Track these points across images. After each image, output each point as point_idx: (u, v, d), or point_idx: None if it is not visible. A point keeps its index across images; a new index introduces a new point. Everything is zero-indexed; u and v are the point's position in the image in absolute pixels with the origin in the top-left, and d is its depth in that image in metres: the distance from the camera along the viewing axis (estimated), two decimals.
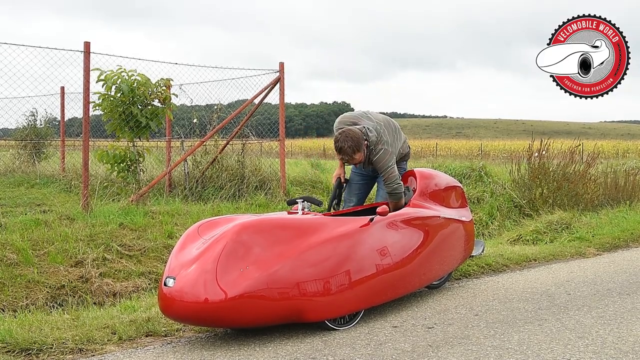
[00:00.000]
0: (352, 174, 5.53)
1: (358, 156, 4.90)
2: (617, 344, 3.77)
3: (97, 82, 8.01)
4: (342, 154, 4.93)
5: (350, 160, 4.96)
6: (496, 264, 6.27)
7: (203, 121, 10.31)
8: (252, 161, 9.86)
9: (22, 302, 5.17)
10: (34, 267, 5.59)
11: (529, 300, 4.91)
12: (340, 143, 4.87)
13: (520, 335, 3.96)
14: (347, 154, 4.88)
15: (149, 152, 9.24)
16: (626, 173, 11.18)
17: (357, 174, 5.50)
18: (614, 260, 6.79)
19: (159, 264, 6.20)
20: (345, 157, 4.95)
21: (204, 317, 3.65)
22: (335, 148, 4.96)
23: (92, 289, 5.56)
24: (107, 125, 8.38)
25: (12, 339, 3.72)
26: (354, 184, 5.51)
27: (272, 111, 10.74)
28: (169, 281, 3.72)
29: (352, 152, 4.86)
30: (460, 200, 5.66)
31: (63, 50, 7.48)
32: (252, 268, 3.71)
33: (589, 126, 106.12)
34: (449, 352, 3.63)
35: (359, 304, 4.19)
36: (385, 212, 4.43)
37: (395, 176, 4.96)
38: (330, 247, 4.06)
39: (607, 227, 8.43)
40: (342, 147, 4.86)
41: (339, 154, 4.98)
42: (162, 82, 8.45)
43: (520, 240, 8.22)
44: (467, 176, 11.77)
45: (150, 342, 3.90)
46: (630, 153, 38.99)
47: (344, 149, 4.86)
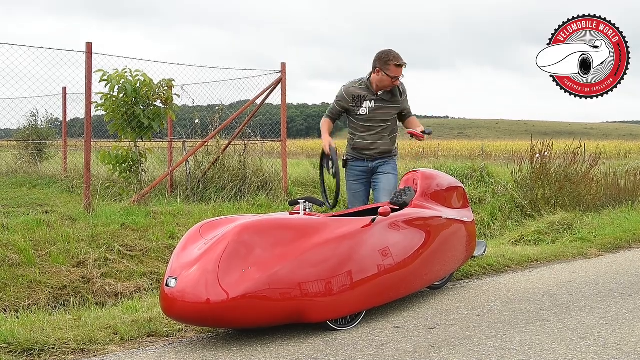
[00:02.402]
0: (349, 183, 5.55)
1: (403, 69, 5.16)
2: (619, 345, 3.77)
3: (100, 82, 8.02)
4: (396, 60, 5.10)
5: (399, 68, 5.12)
6: (498, 265, 6.27)
7: (205, 122, 10.31)
8: (253, 162, 9.85)
9: (24, 303, 5.17)
10: (35, 268, 5.60)
11: (531, 301, 4.91)
12: (394, 52, 5.12)
13: (522, 336, 3.96)
14: (401, 59, 5.10)
15: (151, 152, 9.25)
16: (628, 174, 11.17)
17: (354, 182, 5.53)
18: (616, 260, 6.79)
19: (160, 264, 6.20)
20: (400, 62, 5.11)
21: (206, 317, 3.65)
22: (388, 57, 5.11)
23: (94, 290, 5.56)
24: (109, 125, 8.38)
25: (14, 339, 3.72)
26: (354, 192, 5.53)
27: (273, 111, 10.74)
28: (171, 281, 3.72)
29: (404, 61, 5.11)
30: (462, 200, 5.66)
31: (65, 51, 7.50)
32: (254, 268, 3.71)
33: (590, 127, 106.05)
34: (450, 353, 3.63)
35: (361, 304, 4.19)
36: (387, 212, 4.44)
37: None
38: (332, 248, 4.06)
39: (609, 228, 8.43)
40: (396, 54, 5.09)
41: (393, 61, 5.11)
42: (165, 82, 8.45)
43: (522, 240, 8.21)
44: (469, 177, 11.76)
45: (152, 343, 3.90)
46: (633, 154, 38.94)
47: (398, 55, 5.09)
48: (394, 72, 5.15)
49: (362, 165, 5.50)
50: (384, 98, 5.35)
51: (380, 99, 5.35)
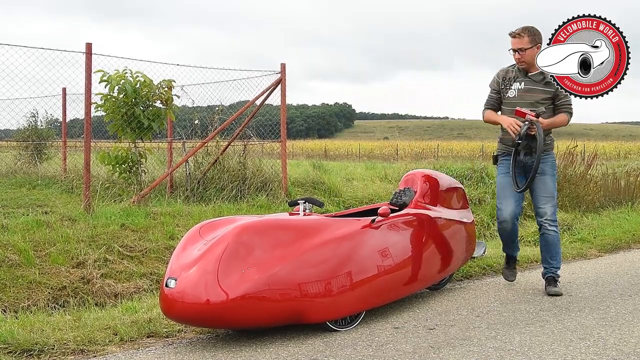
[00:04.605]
0: (499, 177, 5.18)
1: (525, 40, 4.83)
2: (619, 345, 3.77)
3: (100, 83, 8.02)
4: (514, 33, 4.85)
5: (514, 40, 4.85)
6: (498, 265, 6.27)
7: (204, 122, 10.31)
8: (253, 162, 9.85)
9: (24, 303, 5.17)
10: (35, 268, 5.60)
11: (531, 302, 4.91)
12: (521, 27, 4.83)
13: (522, 337, 3.95)
14: (519, 32, 4.83)
15: (151, 153, 9.24)
16: (627, 174, 11.18)
17: (505, 175, 5.11)
18: (616, 261, 6.79)
19: (160, 265, 6.20)
20: (513, 32, 4.86)
21: (206, 318, 3.65)
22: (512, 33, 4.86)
23: (94, 290, 5.56)
24: (109, 126, 8.38)
25: (13, 339, 3.72)
26: (506, 185, 5.08)
27: (273, 112, 10.74)
28: (171, 282, 3.72)
29: (525, 32, 4.81)
30: (462, 201, 5.66)
31: (64, 52, 7.50)
32: (254, 269, 3.71)
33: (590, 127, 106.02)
34: (450, 354, 3.63)
35: (360, 305, 4.19)
36: (386, 213, 4.44)
37: (571, 102, 4.96)
38: (332, 248, 4.07)
39: (609, 229, 8.43)
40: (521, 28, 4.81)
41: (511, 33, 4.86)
42: (164, 83, 8.45)
43: (521, 241, 8.19)
44: (469, 177, 11.76)
45: (152, 343, 3.90)
46: (632, 154, 38.97)
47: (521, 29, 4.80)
48: (511, 44, 4.89)
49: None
50: (534, 79, 4.97)
51: (530, 79, 4.97)
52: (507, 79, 5.05)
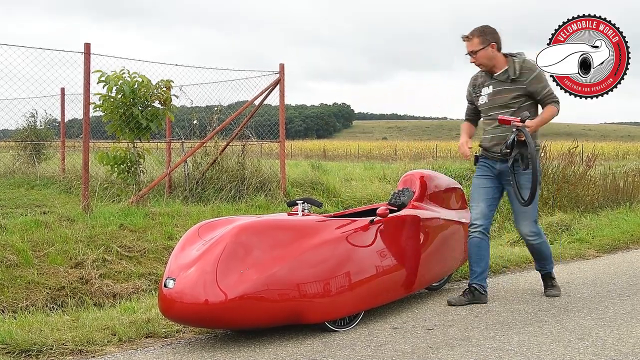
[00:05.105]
0: (475, 179, 5.01)
1: (475, 42, 4.60)
2: (617, 346, 3.77)
3: (99, 84, 8.02)
4: (464, 37, 4.65)
5: (469, 42, 4.61)
6: (496, 266, 6.27)
7: (203, 122, 10.31)
8: (252, 162, 9.86)
9: (22, 304, 5.16)
10: (33, 269, 5.59)
11: (529, 302, 4.91)
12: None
13: (520, 337, 3.96)
14: (468, 35, 4.60)
15: (149, 153, 9.25)
16: (626, 175, 11.18)
17: (481, 177, 4.96)
18: (614, 262, 6.79)
19: (158, 265, 6.20)
20: (466, 38, 4.63)
21: (204, 318, 3.65)
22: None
23: (92, 290, 5.56)
24: (107, 126, 8.37)
25: (12, 340, 3.72)
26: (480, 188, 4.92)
27: (272, 112, 10.75)
28: (169, 282, 3.72)
29: (473, 33, 4.58)
30: (460, 202, 5.66)
31: (63, 52, 7.50)
32: (252, 269, 3.71)
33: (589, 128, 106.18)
34: (448, 354, 3.63)
35: (359, 305, 4.19)
36: (385, 213, 4.43)
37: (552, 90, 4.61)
38: (330, 249, 4.06)
39: (607, 229, 8.43)
40: (471, 30, 4.57)
41: (463, 40, 4.67)
42: (163, 83, 8.45)
43: (520, 241, 8.19)
44: (467, 178, 11.77)
45: (150, 344, 3.90)
46: (631, 155, 39.01)
47: (471, 31, 4.56)
48: (466, 47, 4.70)
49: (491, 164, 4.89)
50: (500, 79, 4.70)
51: (496, 80, 4.71)
52: (477, 85, 4.86)
